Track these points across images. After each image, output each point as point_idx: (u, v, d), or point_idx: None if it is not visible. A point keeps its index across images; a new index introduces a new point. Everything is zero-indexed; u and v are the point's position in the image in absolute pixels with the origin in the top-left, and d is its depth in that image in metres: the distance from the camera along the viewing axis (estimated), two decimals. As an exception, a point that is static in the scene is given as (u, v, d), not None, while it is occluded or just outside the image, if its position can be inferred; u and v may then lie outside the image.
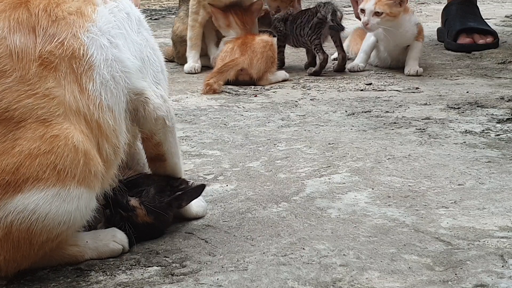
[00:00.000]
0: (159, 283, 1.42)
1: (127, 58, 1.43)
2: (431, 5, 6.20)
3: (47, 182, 1.29)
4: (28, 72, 1.28)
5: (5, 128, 1.28)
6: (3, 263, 1.36)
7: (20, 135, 1.28)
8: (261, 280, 1.41)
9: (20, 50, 1.29)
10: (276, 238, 1.61)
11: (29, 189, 1.29)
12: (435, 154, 2.15)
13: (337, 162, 2.12)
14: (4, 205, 1.30)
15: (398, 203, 1.79)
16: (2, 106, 1.27)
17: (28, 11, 1.32)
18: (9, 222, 1.30)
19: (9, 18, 1.30)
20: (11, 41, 1.28)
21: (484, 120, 2.51)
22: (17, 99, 1.28)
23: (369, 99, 2.87)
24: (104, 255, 1.51)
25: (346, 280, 1.41)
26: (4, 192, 1.29)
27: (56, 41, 1.32)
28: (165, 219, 1.62)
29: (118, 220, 1.57)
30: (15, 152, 1.27)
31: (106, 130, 1.39)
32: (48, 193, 1.30)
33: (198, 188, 1.66)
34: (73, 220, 1.35)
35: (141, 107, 1.50)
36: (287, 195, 1.87)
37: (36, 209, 1.30)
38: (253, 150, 2.26)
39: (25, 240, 1.33)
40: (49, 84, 1.30)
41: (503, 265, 1.45)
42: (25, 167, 1.28)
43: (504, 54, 3.67)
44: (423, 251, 1.53)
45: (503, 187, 1.88)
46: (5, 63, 1.28)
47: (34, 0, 1.34)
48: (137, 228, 1.57)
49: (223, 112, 2.75)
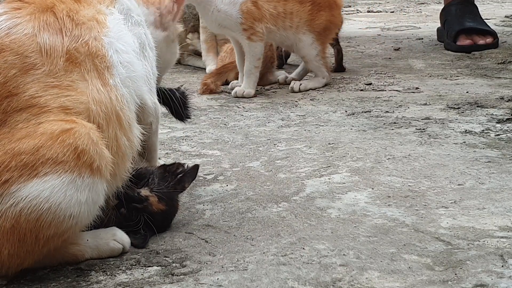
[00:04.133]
0: (159, 283, 1.42)
1: (135, 63, 1.56)
2: (431, 5, 6.20)
3: (65, 165, 1.33)
4: (56, 67, 1.39)
5: (29, 114, 1.35)
6: (6, 259, 1.36)
7: (43, 119, 1.35)
8: (261, 280, 1.41)
9: (49, 47, 1.40)
10: (276, 238, 1.61)
11: (46, 173, 1.31)
12: (435, 154, 2.15)
13: (337, 162, 2.12)
14: (17, 191, 1.31)
15: (398, 203, 1.79)
16: (29, 94, 1.36)
17: (55, 15, 1.45)
18: (19, 211, 1.31)
19: (39, 20, 1.43)
20: (41, 38, 1.40)
21: (484, 120, 2.51)
22: (43, 89, 1.37)
23: (369, 99, 2.87)
24: (104, 254, 1.51)
25: (346, 280, 1.41)
26: (19, 175, 1.31)
27: (81, 41, 1.45)
28: (175, 204, 1.69)
29: (136, 215, 1.60)
30: (37, 134, 1.33)
31: (124, 122, 1.48)
32: (65, 179, 1.33)
33: (194, 169, 1.77)
34: (82, 215, 1.37)
35: (140, 111, 1.60)
36: (287, 195, 1.87)
37: (50, 197, 1.32)
38: (253, 150, 2.26)
39: (32, 234, 1.33)
40: (74, 77, 1.41)
41: (503, 265, 1.45)
42: (45, 147, 1.32)
43: (504, 54, 3.67)
44: (423, 251, 1.53)
45: (503, 187, 1.88)
46: (35, 57, 1.39)
47: (58, 6, 1.47)
48: (154, 218, 1.61)
49: (223, 112, 2.76)
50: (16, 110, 1.35)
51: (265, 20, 2.93)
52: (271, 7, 2.94)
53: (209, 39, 3.50)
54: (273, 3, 2.95)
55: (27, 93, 1.36)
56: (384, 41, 4.27)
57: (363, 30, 4.75)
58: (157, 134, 1.77)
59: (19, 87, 1.36)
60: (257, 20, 2.91)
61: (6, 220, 1.32)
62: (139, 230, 1.60)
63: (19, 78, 1.36)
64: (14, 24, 1.40)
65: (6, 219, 1.32)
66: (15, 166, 1.31)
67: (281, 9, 2.96)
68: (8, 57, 1.37)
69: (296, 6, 2.99)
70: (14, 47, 1.38)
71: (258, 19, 2.91)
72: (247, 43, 2.93)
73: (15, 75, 1.36)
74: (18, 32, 1.40)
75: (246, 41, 2.93)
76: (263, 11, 2.92)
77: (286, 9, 2.97)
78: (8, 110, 1.35)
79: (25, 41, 1.40)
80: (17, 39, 1.39)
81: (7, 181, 1.31)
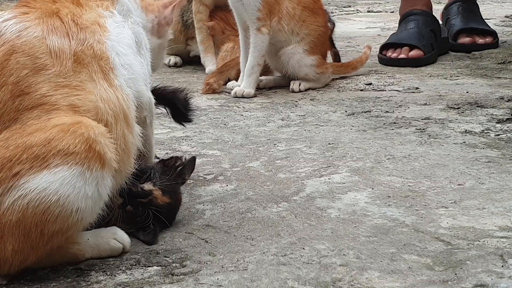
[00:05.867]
0: (159, 283, 1.42)
1: (134, 64, 1.62)
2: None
3: (76, 157, 1.36)
4: (65, 68, 1.45)
5: (41, 111, 1.40)
6: (10, 255, 1.37)
7: (53, 116, 1.40)
8: (261, 280, 1.41)
9: (57, 49, 1.46)
10: (276, 238, 1.61)
11: (56, 165, 1.34)
12: (435, 154, 2.16)
13: (337, 162, 2.12)
14: (26, 183, 1.34)
15: (398, 203, 1.79)
16: (40, 93, 1.41)
17: (61, 20, 1.51)
18: (26, 203, 1.33)
19: (47, 23, 1.49)
20: (50, 41, 1.46)
21: (484, 120, 2.51)
22: (54, 88, 1.43)
23: (369, 99, 2.87)
24: (104, 253, 1.52)
25: (346, 280, 1.41)
26: (30, 167, 1.34)
27: (86, 44, 1.50)
28: (178, 197, 1.72)
29: (142, 211, 1.62)
30: (48, 128, 1.37)
31: (130, 120, 1.54)
32: (75, 171, 1.36)
33: (192, 160, 1.84)
34: (87, 210, 1.39)
35: (136, 107, 1.64)
36: (287, 195, 1.87)
37: (59, 189, 1.34)
38: (253, 150, 2.26)
39: (37, 228, 1.35)
40: (82, 77, 1.47)
41: (503, 265, 1.45)
42: (57, 139, 1.36)
43: (504, 54, 3.67)
44: (423, 251, 1.53)
45: (503, 187, 1.88)
46: (46, 58, 1.44)
47: (63, 11, 1.53)
48: (160, 212, 1.63)
49: (223, 112, 2.76)
50: (28, 108, 1.40)
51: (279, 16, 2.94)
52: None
53: (205, 39, 3.49)
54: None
55: (38, 92, 1.41)
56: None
57: (363, 30, 4.75)
58: (152, 129, 1.81)
59: (31, 87, 1.41)
60: (273, 14, 2.92)
61: (12, 214, 1.34)
62: (148, 226, 1.62)
63: (31, 78, 1.41)
64: (24, 28, 1.46)
65: (13, 212, 1.34)
66: (26, 158, 1.35)
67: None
68: (20, 58, 1.42)
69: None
70: (26, 48, 1.43)
71: (274, 13, 2.92)
72: (255, 34, 2.93)
73: (27, 75, 1.41)
74: (28, 34, 1.45)
75: (254, 32, 2.92)
76: (281, 7, 2.94)
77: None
78: (20, 108, 1.40)
79: (35, 43, 1.45)
80: (28, 41, 1.44)
81: (17, 174, 1.34)
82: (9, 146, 1.36)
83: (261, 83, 3.12)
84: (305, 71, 3.03)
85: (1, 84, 1.40)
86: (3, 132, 1.38)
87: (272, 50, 3.04)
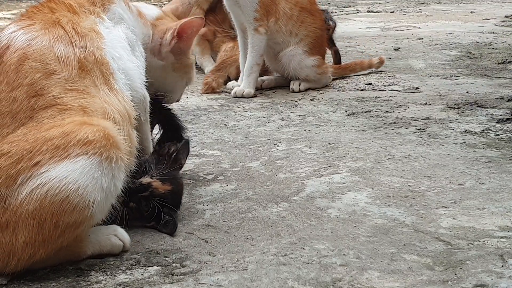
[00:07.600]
0: (159, 283, 1.42)
1: (129, 68, 1.69)
2: (431, 5, 6.21)
3: (95, 144, 1.43)
4: (71, 74, 1.55)
5: (54, 110, 1.49)
6: (20, 247, 1.39)
7: (67, 115, 1.48)
8: (261, 280, 1.41)
9: (64, 57, 1.56)
10: (276, 238, 1.61)
11: (77, 154, 1.41)
12: (435, 154, 2.16)
13: (337, 162, 2.12)
14: (46, 171, 1.39)
15: (398, 203, 1.79)
16: (53, 94, 1.50)
17: (63, 29, 1.61)
18: (45, 192, 1.38)
19: (52, 33, 1.59)
20: (57, 49, 1.57)
21: (484, 120, 2.51)
22: (64, 91, 1.52)
23: (369, 99, 2.87)
24: (105, 249, 1.53)
25: (346, 280, 1.41)
26: (50, 157, 1.40)
27: (88, 51, 1.60)
28: (179, 181, 1.76)
29: (146, 204, 1.66)
30: (64, 124, 1.45)
31: (132, 120, 1.61)
32: (94, 160, 1.42)
33: (186, 144, 1.87)
34: (101, 203, 1.43)
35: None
36: (287, 195, 1.87)
37: (79, 178, 1.39)
38: (253, 150, 2.26)
39: (52, 219, 1.38)
40: (87, 82, 1.56)
41: (503, 265, 1.45)
42: (75, 131, 1.43)
43: (504, 54, 3.67)
44: (423, 251, 1.53)
45: (503, 187, 1.88)
46: (55, 65, 1.54)
47: (63, 20, 1.63)
48: (166, 200, 1.65)
49: (223, 112, 2.76)
50: (42, 107, 1.48)
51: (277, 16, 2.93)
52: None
53: (200, 41, 3.50)
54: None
55: (51, 94, 1.50)
56: (384, 41, 4.27)
57: (363, 30, 4.75)
58: (148, 125, 1.87)
59: (44, 89, 1.51)
60: (270, 14, 2.92)
61: (30, 203, 1.37)
62: (162, 218, 1.64)
63: (44, 81, 1.51)
64: (33, 37, 1.56)
65: (30, 202, 1.37)
66: (46, 149, 1.41)
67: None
68: (33, 63, 1.52)
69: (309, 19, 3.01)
70: (37, 55, 1.54)
71: (271, 13, 2.92)
72: (252, 34, 2.93)
73: (40, 78, 1.51)
74: (37, 43, 1.55)
75: (252, 32, 2.93)
76: (278, 8, 2.94)
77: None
78: (35, 107, 1.48)
79: (45, 51, 1.55)
80: (38, 49, 1.55)
81: (37, 163, 1.40)
82: (28, 140, 1.42)
83: (263, 83, 3.12)
84: (306, 72, 3.03)
85: (17, 85, 1.50)
86: (20, 128, 1.46)
87: (271, 53, 3.04)
